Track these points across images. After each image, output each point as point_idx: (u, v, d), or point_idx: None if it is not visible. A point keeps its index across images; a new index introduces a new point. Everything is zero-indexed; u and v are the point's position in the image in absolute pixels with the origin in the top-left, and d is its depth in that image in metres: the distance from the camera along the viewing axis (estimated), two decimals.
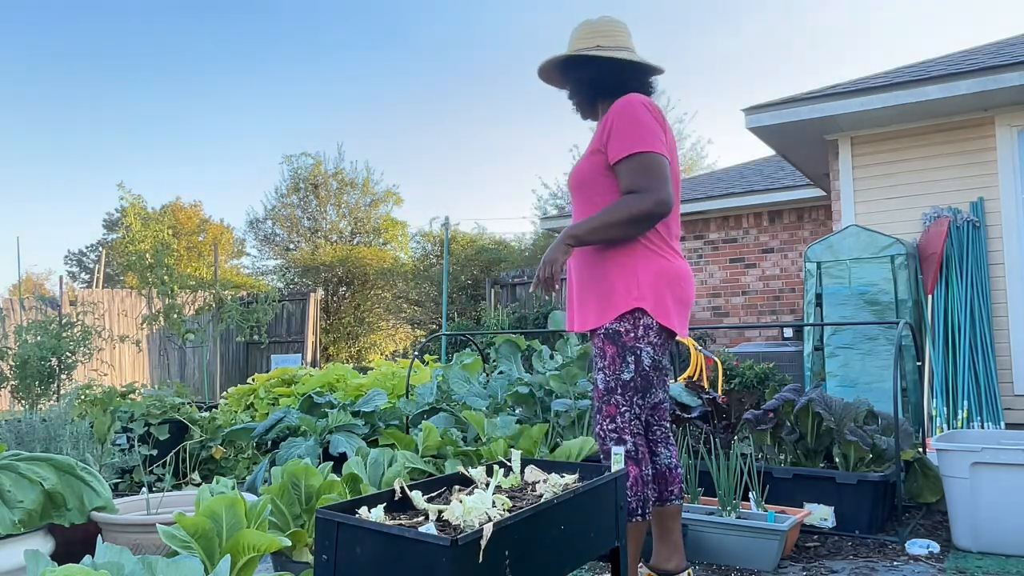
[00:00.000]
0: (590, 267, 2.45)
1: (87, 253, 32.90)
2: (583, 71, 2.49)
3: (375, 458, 3.16)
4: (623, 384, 2.36)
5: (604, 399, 2.38)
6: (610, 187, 2.38)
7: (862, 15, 40.96)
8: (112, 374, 10.93)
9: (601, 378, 2.39)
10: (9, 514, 2.38)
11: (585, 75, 2.49)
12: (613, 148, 2.34)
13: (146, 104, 44.08)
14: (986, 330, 5.13)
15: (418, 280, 16.93)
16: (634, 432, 2.36)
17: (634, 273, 2.37)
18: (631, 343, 2.35)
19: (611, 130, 2.34)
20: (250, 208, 36.26)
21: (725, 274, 9.64)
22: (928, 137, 5.65)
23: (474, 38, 41.76)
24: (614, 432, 2.36)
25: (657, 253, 2.40)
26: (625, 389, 2.36)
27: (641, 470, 2.35)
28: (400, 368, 6.31)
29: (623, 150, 2.31)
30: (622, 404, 2.36)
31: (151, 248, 8.33)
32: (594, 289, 2.43)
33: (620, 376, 2.36)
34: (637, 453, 2.35)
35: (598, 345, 2.41)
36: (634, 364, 2.35)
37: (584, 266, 2.47)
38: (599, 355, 2.41)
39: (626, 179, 2.31)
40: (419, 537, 1.39)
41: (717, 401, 3.97)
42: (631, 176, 2.30)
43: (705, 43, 40.95)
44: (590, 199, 2.43)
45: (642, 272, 2.37)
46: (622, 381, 2.36)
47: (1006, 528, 3.04)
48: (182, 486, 4.56)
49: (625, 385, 2.36)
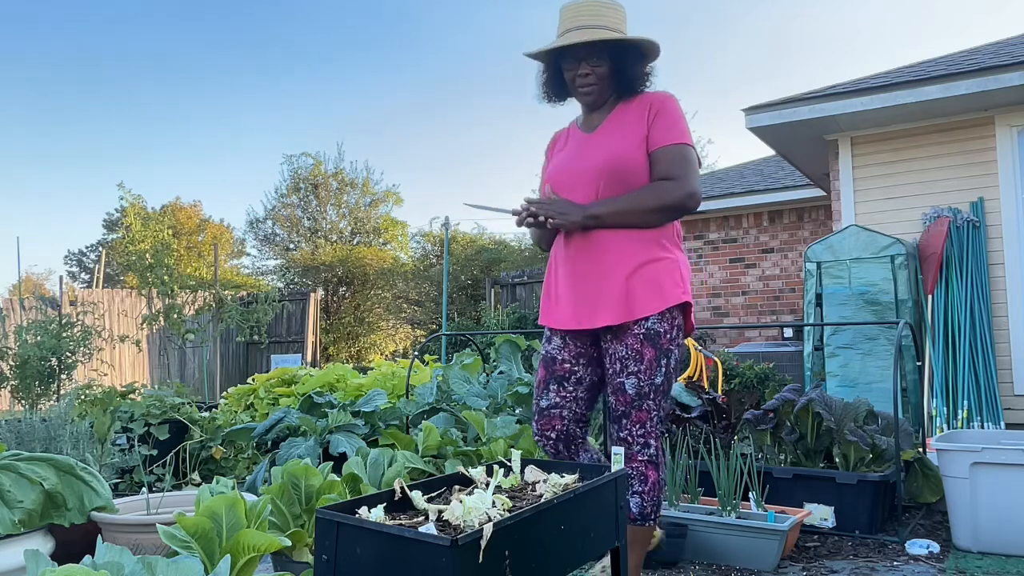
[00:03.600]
0: (608, 256, 2.27)
1: (87, 253, 32.91)
2: (640, 59, 2.36)
3: (375, 458, 3.16)
4: (655, 388, 2.27)
5: (635, 404, 2.26)
6: (647, 177, 2.30)
7: (862, 15, 40.96)
8: (112, 374, 10.92)
9: (633, 383, 2.25)
10: (9, 514, 2.38)
11: (641, 64, 2.36)
12: (658, 134, 2.28)
13: (146, 104, 44.11)
14: (986, 330, 5.13)
15: (418, 280, 16.95)
16: (658, 435, 2.31)
17: (677, 266, 2.31)
18: (666, 345, 2.27)
19: (656, 118, 2.30)
20: (250, 208, 36.27)
21: (725, 274, 9.64)
22: (928, 137, 5.65)
23: (474, 37, 41.77)
24: (642, 438, 2.28)
25: (681, 247, 2.39)
26: (656, 393, 2.27)
27: (660, 475, 2.33)
28: (400, 368, 6.31)
29: (669, 138, 2.27)
30: (652, 409, 2.28)
31: (151, 248, 8.33)
32: (611, 282, 2.26)
33: (654, 380, 2.26)
34: (658, 457, 2.31)
35: (632, 346, 2.25)
36: (665, 367, 2.28)
37: (599, 255, 2.28)
38: (632, 357, 2.25)
39: (663, 166, 2.26)
40: (419, 537, 1.39)
41: (717, 401, 3.97)
42: (669, 164, 2.25)
43: (705, 43, 40.97)
44: (627, 186, 2.28)
45: (683, 265, 2.34)
46: (655, 385, 2.26)
47: (1006, 528, 3.04)
48: (182, 486, 4.56)
49: (657, 389, 2.27)
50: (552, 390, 2.37)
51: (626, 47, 2.33)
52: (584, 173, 2.33)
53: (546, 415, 2.38)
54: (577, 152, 2.40)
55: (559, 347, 2.39)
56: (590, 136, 2.40)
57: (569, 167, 2.39)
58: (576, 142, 2.45)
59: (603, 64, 2.32)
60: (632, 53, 2.34)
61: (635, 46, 2.34)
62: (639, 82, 2.38)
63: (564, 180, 2.38)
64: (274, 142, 45.49)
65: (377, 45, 42.05)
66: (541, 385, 2.40)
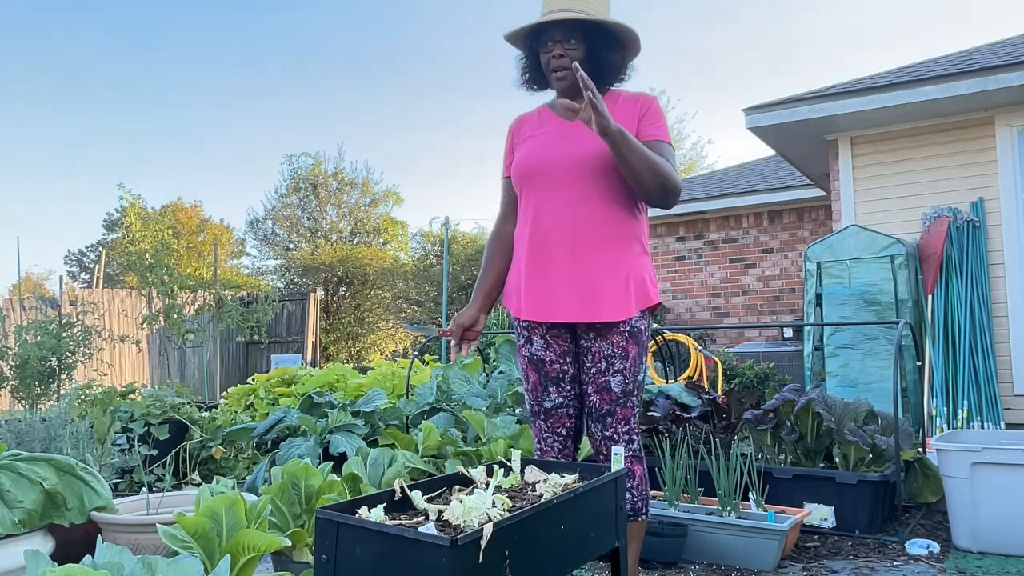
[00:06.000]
0: (597, 251, 2.23)
1: (87, 253, 32.91)
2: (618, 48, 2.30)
3: (375, 458, 3.16)
4: (638, 385, 2.30)
5: (620, 402, 2.26)
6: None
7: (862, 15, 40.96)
8: (112, 374, 10.92)
9: (619, 380, 2.25)
10: (9, 514, 2.38)
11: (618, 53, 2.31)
12: (652, 128, 2.27)
13: (146, 104, 44.11)
14: (986, 330, 5.13)
15: (418, 280, 16.94)
16: (639, 431, 2.34)
17: (651, 266, 2.36)
18: (645, 342, 2.31)
19: (647, 114, 2.29)
20: (250, 208, 36.31)
21: (725, 274, 9.65)
22: (928, 137, 5.65)
23: (475, 37, 41.77)
24: (627, 434, 2.29)
25: None
26: (639, 390, 2.30)
27: (644, 469, 2.35)
28: (400, 368, 6.31)
29: (661, 135, 2.27)
30: (635, 405, 2.30)
31: (151, 248, 8.32)
32: (608, 277, 2.23)
33: (636, 377, 2.29)
34: (641, 452, 2.34)
35: (619, 343, 2.23)
36: (643, 363, 2.32)
37: (588, 248, 2.23)
38: (618, 355, 2.24)
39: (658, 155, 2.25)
40: (419, 537, 1.39)
41: (717, 401, 3.97)
42: (666, 157, 2.24)
43: (705, 43, 40.97)
44: (615, 180, 2.23)
45: (652, 266, 2.39)
46: (637, 382, 2.29)
47: (1006, 528, 3.04)
48: (182, 486, 4.56)
49: (639, 386, 2.30)
50: (552, 391, 2.36)
51: (603, 32, 2.26)
52: (572, 160, 2.25)
53: (554, 415, 2.38)
54: (562, 138, 2.30)
55: (543, 347, 2.34)
56: (573, 124, 2.29)
57: (555, 153, 2.29)
58: (558, 128, 2.33)
59: (579, 47, 2.25)
60: (609, 39, 2.27)
61: (613, 33, 2.27)
62: (615, 71, 2.32)
63: (547, 165, 2.29)
64: (274, 142, 45.52)
65: (378, 45, 42.07)
66: (538, 388, 2.37)
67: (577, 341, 2.34)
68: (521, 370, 2.45)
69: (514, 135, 2.48)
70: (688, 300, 9.82)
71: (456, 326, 2.42)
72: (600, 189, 2.24)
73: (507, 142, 2.50)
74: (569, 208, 2.25)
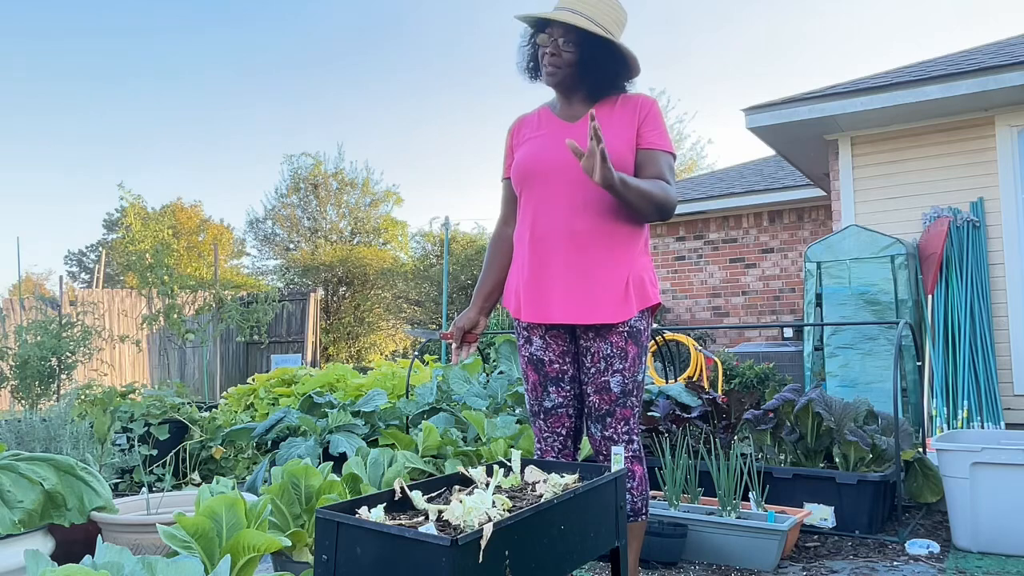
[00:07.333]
0: (596, 251, 2.23)
1: (87, 253, 32.91)
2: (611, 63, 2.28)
3: (375, 458, 3.16)
4: (637, 385, 2.29)
5: (619, 402, 2.27)
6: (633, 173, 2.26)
7: (862, 16, 40.97)
8: (112, 374, 10.93)
9: (619, 380, 2.25)
10: (9, 514, 2.38)
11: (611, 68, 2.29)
12: (653, 136, 2.26)
13: (146, 104, 44.12)
14: (986, 330, 5.13)
15: (418, 280, 16.94)
16: (639, 432, 2.34)
17: (650, 265, 2.36)
18: (644, 342, 2.30)
19: (647, 119, 2.28)
20: (250, 208, 36.29)
21: (725, 274, 9.65)
22: (928, 137, 5.65)
23: (475, 36, 41.77)
24: (626, 435, 2.29)
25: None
26: (638, 390, 2.30)
27: (644, 469, 2.35)
28: (400, 368, 6.31)
29: (662, 143, 2.26)
30: (635, 405, 2.30)
31: (151, 248, 8.33)
32: (607, 278, 2.23)
33: (636, 377, 2.28)
34: (641, 452, 2.34)
35: (618, 344, 2.24)
36: (643, 364, 2.32)
37: (587, 249, 2.23)
38: (617, 355, 2.24)
39: (656, 169, 2.23)
40: (419, 537, 1.39)
41: (717, 401, 3.97)
42: (662, 169, 2.23)
43: (705, 43, 40.98)
44: None
45: (652, 266, 2.38)
46: (637, 382, 2.29)
47: (1006, 528, 3.04)
48: (182, 486, 4.56)
49: (638, 386, 2.30)
50: (552, 391, 2.36)
51: (602, 43, 2.25)
52: (571, 161, 2.22)
53: (554, 415, 2.38)
54: (562, 139, 2.28)
55: (542, 348, 2.35)
56: (574, 126, 2.30)
57: (554, 154, 2.27)
58: (557, 129, 2.33)
59: (572, 51, 2.25)
60: (606, 53, 2.26)
61: (610, 49, 2.26)
62: (604, 85, 2.32)
63: (546, 167, 2.28)
64: (274, 142, 45.50)
65: (378, 45, 42.07)
66: (538, 388, 2.37)
67: (577, 341, 2.34)
68: (521, 370, 2.46)
69: (514, 136, 2.48)
70: (688, 300, 9.82)
71: (456, 329, 2.43)
72: (599, 190, 2.22)
73: (507, 143, 2.50)
74: (568, 209, 2.24)
